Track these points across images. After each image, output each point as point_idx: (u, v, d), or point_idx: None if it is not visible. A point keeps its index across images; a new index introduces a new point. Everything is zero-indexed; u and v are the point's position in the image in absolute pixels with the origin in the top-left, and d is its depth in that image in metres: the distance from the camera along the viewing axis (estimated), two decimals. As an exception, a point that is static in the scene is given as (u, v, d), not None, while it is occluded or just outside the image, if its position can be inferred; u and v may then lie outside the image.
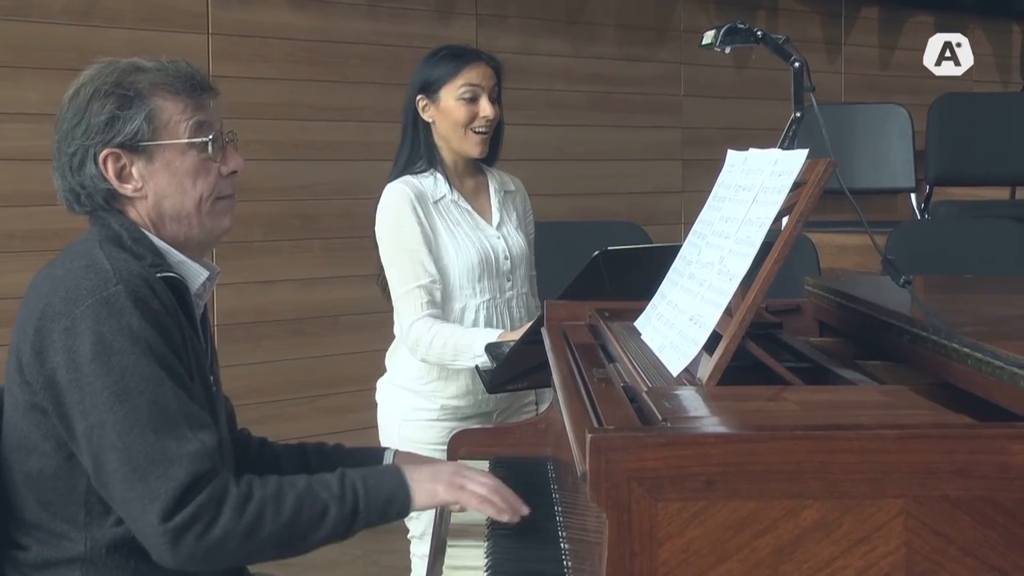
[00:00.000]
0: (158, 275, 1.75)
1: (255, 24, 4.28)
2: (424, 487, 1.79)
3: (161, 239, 1.83)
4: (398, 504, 1.78)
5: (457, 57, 2.73)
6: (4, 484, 1.80)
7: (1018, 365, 1.36)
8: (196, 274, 1.86)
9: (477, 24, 4.86)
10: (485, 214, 2.77)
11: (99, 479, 1.68)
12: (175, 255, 1.84)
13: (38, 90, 3.81)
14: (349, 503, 1.74)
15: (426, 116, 2.73)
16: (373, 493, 1.76)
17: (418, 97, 2.73)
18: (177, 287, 1.79)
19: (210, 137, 1.83)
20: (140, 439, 1.64)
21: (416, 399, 2.75)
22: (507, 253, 2.74)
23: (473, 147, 2.71)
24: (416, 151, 2.75)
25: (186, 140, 1.81)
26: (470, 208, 2.74)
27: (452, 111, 2.69)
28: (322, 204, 4.44)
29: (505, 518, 1.80)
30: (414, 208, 2.65)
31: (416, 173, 2.73)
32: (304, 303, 4.43)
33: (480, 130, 2.70)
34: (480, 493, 1.80)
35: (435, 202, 2.69)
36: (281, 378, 4.37)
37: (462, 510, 1.87)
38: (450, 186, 2.72)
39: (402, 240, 2.65)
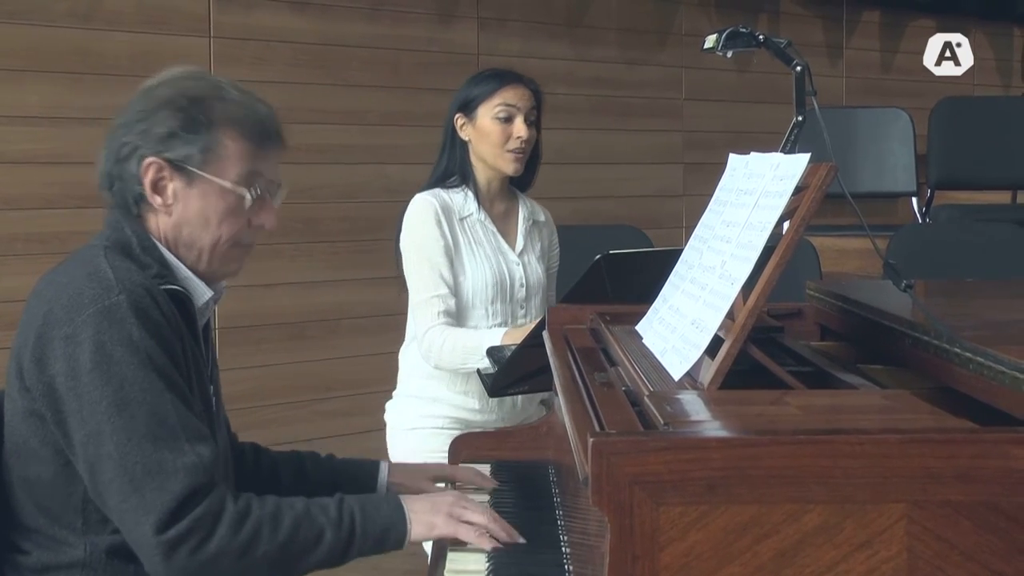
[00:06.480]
0: (162, 287, 1.75)
1: (257, 27, 4.28)
2: (422, 519, 1.78)
3: (171, 254, 1.83)
4: (395, 534, 1.77)
5: (496, 77, 2.78)
6: (4, 489, 1.80)
7: (1019, 369, 1.36)
8: (200, 292, 1.85)
9: (479, 28, 4.86)
10: (510, 239, 2.80)
11: (95, 488, 1.68)
12: (183, 270, 1.83)
13: (39, 93, 3.81)
14: (346, 529, 1.73)
15: (463, 135, 2.77)
16: (370, 520, 1.75)
17: (456, 116, 2.77)
18: (180, 299, 1.78)
19: (252, 190, 1.81)
20: (137, 450, 1.63)
21: (423, 407, 2.75)
22: (523, 281, 2.76)
23: (508, 164, 2.74)
24: (451, 167, 2.79)
25: (230, 184, 1.80)
26: (495, 230, 2.77)
27: (487, 130, 2.72)
28: (323, 207, 4.44)
29: (490, 545, 1.78)
30: (438, 219, 2.68)
31: (448, 188, 2.76)
32: (305, 307, 4.43)
33: (515, 150, 2.71)
34: (479, 522, 1.79)
35: (461, 219, 2.73)
36: (281, 382, 4.36)
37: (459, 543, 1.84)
38: (479, 205, 2.75)
39: (423, 249, 2.68)
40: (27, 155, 3.78)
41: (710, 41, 2.78)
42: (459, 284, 2.68)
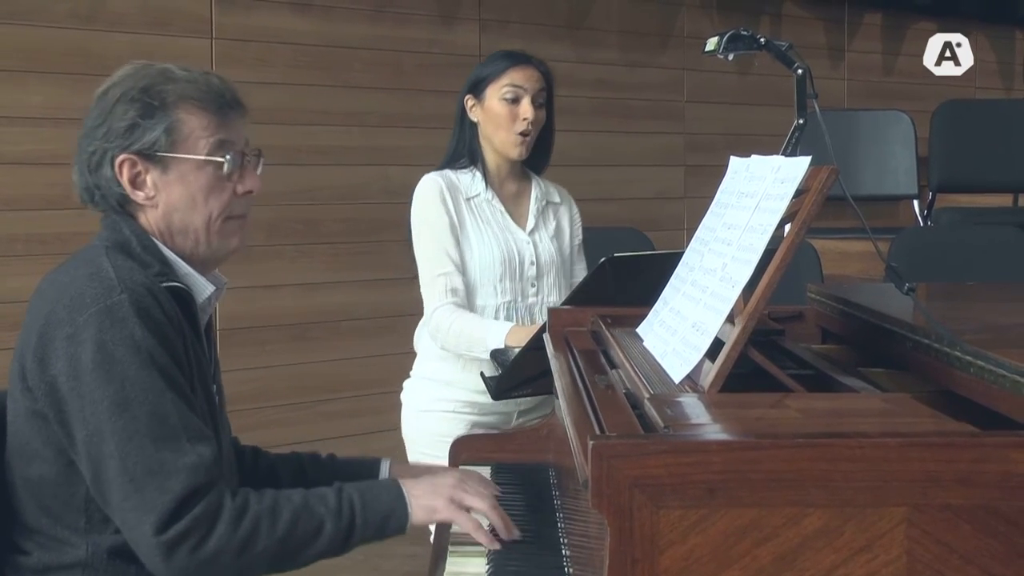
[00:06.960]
0: (163, 285, 1.75)
1: (259, 29, 4.29)
2: (423, 503, 1.78)
3: (169, 249, 1.83)
4: (395, 520, 1.76)
5: (506, 58, 2.78)
6: (6, 489, 1.80)
7: (1020, 373, 1.36)
8: (202, 287, 1.86)
9: (480, 29, 4.86)
10: (520, 219, 2.80)
11: (96, 488, 1.68)
12: (183, 266, 1.83)
13: (42, 94, 3.81)
14: (346, 518, 1.73)
15: (472, 116, 2.78)
16: (370, 508, 1.75)
17: (466, 97, 2.79)
18: (182, 296, 1.79)
19: (227, 157, 1.82)
20: (138, 450, 1.63)
21: (437, 389, 2.75)
22: (534, 259, 2.76)
23: (511, 148, 2.74)
24: (460, 148, 2.80)
25: (203, 157, 1.81)
26: (503, 209, 2.78)
27: (494, 110, 2.73)
28: (325, 209, 4.44)
29: (487, 541, 1.78)
30: (443, 198, 2.70)
31: (457, 169, 2.78)
32: (306, 308, 4.43)
33: (520, 131, 2.72)
34: (479, 507, 1.80)
35: (468, 199, 2.74)
36: (283, 383, 4.36)
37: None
38: (487, 186, 2.76)
39: (430, 228, 2.70)
40: (29, 156, 3.78)
41: (711, 44, 2.78)
42: (466, 262, 2.70)
